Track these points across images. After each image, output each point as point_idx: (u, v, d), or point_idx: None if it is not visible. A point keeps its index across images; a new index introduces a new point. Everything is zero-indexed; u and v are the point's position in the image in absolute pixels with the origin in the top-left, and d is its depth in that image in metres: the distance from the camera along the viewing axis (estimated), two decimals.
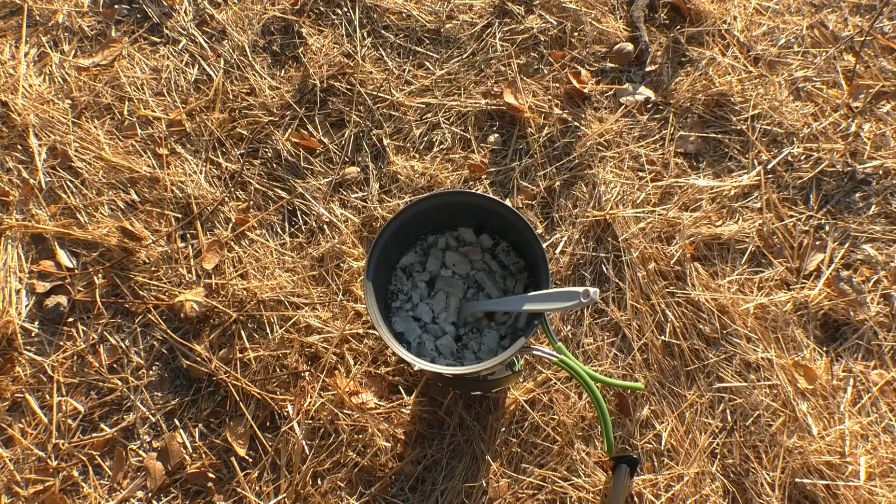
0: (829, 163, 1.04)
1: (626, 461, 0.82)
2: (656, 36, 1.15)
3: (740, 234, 0.98)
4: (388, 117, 1.09)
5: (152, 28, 1.20)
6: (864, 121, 1.07)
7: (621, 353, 0.92)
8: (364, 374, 0.92)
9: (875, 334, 0.93)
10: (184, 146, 1.09)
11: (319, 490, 0.86)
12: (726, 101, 1.09)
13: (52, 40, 1.19)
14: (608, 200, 1.01)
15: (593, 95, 1.09)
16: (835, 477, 0.83)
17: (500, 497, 0.85)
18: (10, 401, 0.92)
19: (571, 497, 0.85)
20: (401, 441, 0.88)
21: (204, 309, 0.95)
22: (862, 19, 1.16)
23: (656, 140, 1.06)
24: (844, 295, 0.94)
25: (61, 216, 1.04)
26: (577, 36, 1.14)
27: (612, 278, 0.96)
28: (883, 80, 1.10)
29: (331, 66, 1.12)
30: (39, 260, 1.01)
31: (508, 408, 0.89)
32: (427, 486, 0.86)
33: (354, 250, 0.99)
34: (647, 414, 0.88)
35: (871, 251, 0.98)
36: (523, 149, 1.06)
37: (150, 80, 1.14)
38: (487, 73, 1.12)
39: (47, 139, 1.09)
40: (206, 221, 1.03)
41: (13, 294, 0.98)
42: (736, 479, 0.85)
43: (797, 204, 1.02)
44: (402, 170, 1.04)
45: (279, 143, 1.08)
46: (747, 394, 0.89)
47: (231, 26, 1.18)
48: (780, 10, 1.18)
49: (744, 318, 0.93)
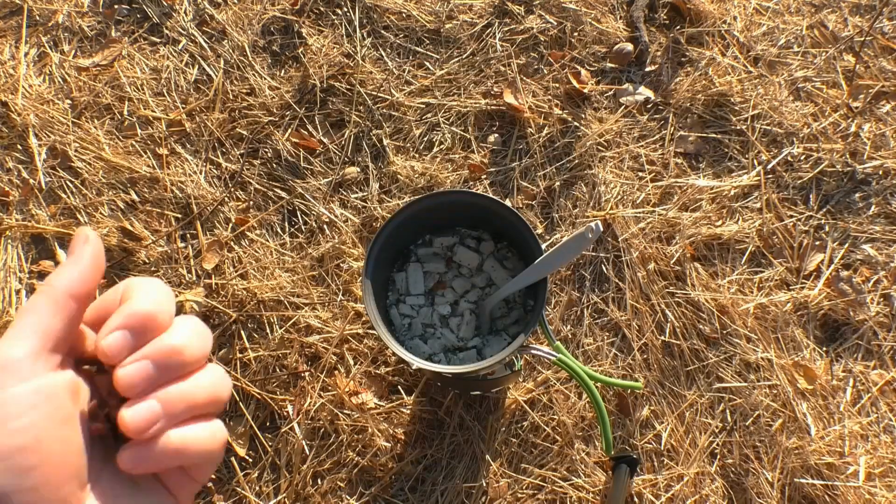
0: (829, 163, 1.04)
1: (626, 461, 0.82)
2: (656, 36, 1.15)
3: (740, 234, 0.98)
4: (388, 117, 1.09)
5: (152, 28, 1.20)
6: (863, 121, 1.07)
7: (621, 353, 0.92)
8: (364, 374, 0.92)
9: (875, 334, 0.93)
10: (184, 146, 1.09)
11: (319, 490, 0.86)
12: (726, 101, 1.09)
13: (52, 40, 1.19)
14: (608, 200, 1.01)
15: (593, 95, 1.10)
16: (834, 477, 0.83)
17: (500, 497, 0.85)
18: None
19: (571, 497, 0.85)
20: (401, 441, 0.88)
21: (204, 309, 0.95)
22: (862, 19, 1.16)
23: (656, 140, 1.06)
24: (844, 295, 0.94)
25: (61, 216, 1.04)
26: (577, 36, 1.14)
27: (612, 278, 0.96)
28: (883, 80, 1.10)
29: (331, 66, 1.12)
30: (39, 260, 1.01)
31: (508, 408, 0.89)
32: (427, 486, 0.86)
33: (354, 250, 0.99)
34: (646, 414, 0.89)
35: (871, 251, 0.98)
36: (523, 149, 1.06)
37: (150, 80, 1.14)
38: (487, 73, 1.12)
39: (47, 139, 1.09)
40: (206, 221, 1.03)
41: (13, 294, 0.98)
42: (735, 479, 0.85)
43: (797, 204, 1.02)
44: (402, 170, 1.04)
45: (279, 143, 1.08)
46: (747, 394, 0.89)
47: (231, 26, 1.18)
48: (780, 10, 1.18)
49: (744, 318, 0.93)
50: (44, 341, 0.28)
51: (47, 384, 0.28)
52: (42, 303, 0.29)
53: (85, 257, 0.30)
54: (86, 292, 0.30)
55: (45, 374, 0.28)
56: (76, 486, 0.29)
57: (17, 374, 0.27)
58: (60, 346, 0.29)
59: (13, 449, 0.26)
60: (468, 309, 0.79)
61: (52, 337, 0.28)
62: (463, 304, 0.79)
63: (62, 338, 0.29)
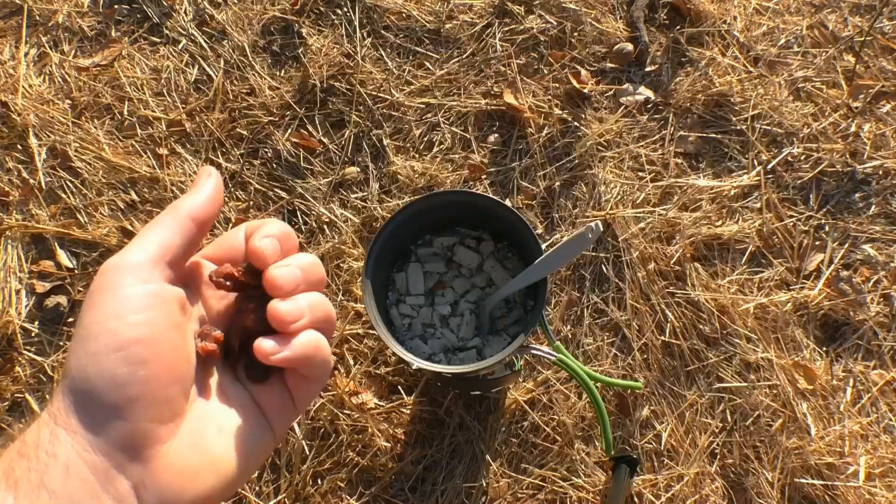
0: (829, 163, 1.04)
1: (626, 461, 0.82)
2: (656, 36, 1.15)
3: (740, 234, 0.98)
4: (388, 117, 1.09)
5: (152, 28, 1.20)
6: (863, 121, 1.07)
7: (621, 354, 0.92)
8: (364, 374, 0.92)
9: (875, 334, 0.93)
10: (184, 146, 1.09)
11: (319, 490, 0.86)
12: (726, 102, 1.09)
13: (52, 40, 1.19)
14: (608, 200, 1.01)
15: (593, 95, 1.10)
16: (834, 477, 0.83)
17: (500, 497, 0.85)
18: (10, 401, 0.92)
19: (571, 497, 0.85)
20: (401, 441, 0.88)
21: None
22: (862, 19, 1.16)
23: (656, 140, 1.06)
24: (844, 295, 0.94)
25: (61, 216, 1.04)
26: (577, 36, 1.15)
27: (612, 278, 0.96)
28: (883, 80, 1.10)
29: (331, 67, 1.12)
30: (39, 260, 1.01)
31: (508, 408, 0.89)
32: (427, 486, 0.86)
33: (354, 250, 0.99)
34: (647, 414, 0.89)
35: (871, 251, 0.98)
36: (523, 149, 1.06)
37: (150, 80, 1.14)
38: (487, 73, 1.12)
39: (47, 139, 1.09)
40: None
41: (13, 294, 0.98)
42: (735, 479, 0.85)
43: (797, 204, 1.02)
44: (402, 170, 1.04)
45: (279, 143, 1.08)
46: (747, 394, 0.89)
47: (231, 26, 1.18)
48: (780, 10, 1.18)
49: (744, 318, 0.93)
50: (163, 252, 0.31)
51: (162, 290, 0.31)
52: (167, 220, 0.32)
53: (207, 188, 0.34)
54: (205, 217, 0.33)
55: (159, 282, 0.31)
56: (180, 391, 0.31)
57: (138, 276, 0.30)
58: (178, 262, 0.32)
59: (131, 340, 0.29)
60: (468, 309, 0.79)
61: (172, 251, 0.32)
62: (463, 304, 0.79)
63: (179, 254, 0.32)
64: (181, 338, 0.31)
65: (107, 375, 0.28)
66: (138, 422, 0.29)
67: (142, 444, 0.29)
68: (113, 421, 0.28)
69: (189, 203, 0.33)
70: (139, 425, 0.29)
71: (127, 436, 0.28)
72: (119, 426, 0.28)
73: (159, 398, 0.29)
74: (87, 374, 0.28)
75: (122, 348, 0.28)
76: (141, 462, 0.29)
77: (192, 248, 0.33)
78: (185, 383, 0.31)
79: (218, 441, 0.32)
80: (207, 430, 0.32)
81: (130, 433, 0.28)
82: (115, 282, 0.30)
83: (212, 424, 0.32)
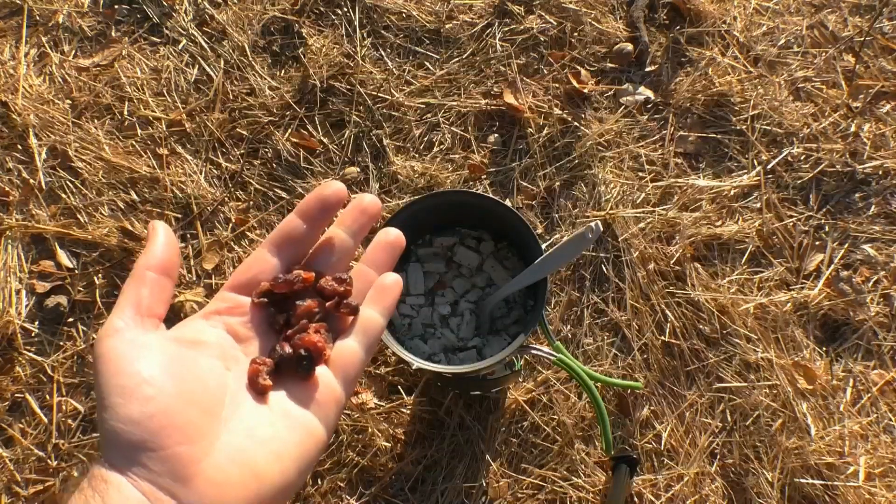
0: (829, 163, 1.04)
1: (626, 461, 0.82)
2: (656, 36, 1.15)
3: (740, 234, 0.98)
4: (388, 117, 1.09)
5: (152, 28, 1.20)
6: (863, 121, 1.07)
7: (621, 354, 0.92)
8: (364, 374, 0.92)
9: (875, 334, 0.93)
10: (184, 146, 1.09)
11: (319, 490, 0.86)
12: (726, 102, 1.09)
13: (52, 40, 1.19)
14: (608, 200, 1.01)
15: (593, 95, 1.10)
16: (834, 477, 0.83)
17: (500, 497, 0.85)
18: (10, 401, 0.92)
19: (571, 497, 0.85)
20: (401, 441, 0.88)
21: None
22: (862, 19, 1.16)
23: (656, 140, 1.06)
24: (844, 295, 0.94)
25: (61, 216, 1.04)
26: (577, 36, 1.15)
27: (612, 278, 0.96)
28: (883, 80, 1.10)
29: (331, 67, 1.12)
30: (39, 260, 1.01)
31: (508, 408, 0.89)
32: (427, 486, 0.86)
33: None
34: (647, 414, 0.89)
35: (871, 251, 0.98)
36: (523, 149, 1.06)
37: (150, 80, 1.14)
38: (487, 73, 1.12)
39: (47, 139, 1.09)
40: (206, 222, 1.03)
41: (13, 294, 0.98)
42: (735, 479, 0.85)
43: (797, 204, 1.02)
44: (402, 170, 1.04)
45: (279, 143, 1.08)
46: (747, 394, 0.89)
47: (231, 26, 1.18)
48: (780, 10, 1.18)
49: (744, 318, 0.93)
50: (136, 308, 0.35)
51: (146, 337, 0.34)
52: (129, 282, 0.36)
53: (157, 241, 0.37)
54: (161, 263, 0.36)
55: (148, 330, 0.34)
56: (199, 412, 0.33)
57: (125, 336, 0.33)
58: (155, 308, 0.35)
59: (137, 384, 0.32)
60: (468, 309, 0.79)
61: (142, 301, 0.35)
62: (463, 304, 0.79)
63: (153, 302, 0.35)
64: (184, 367, 0.33)
65: (124, 420, 0.30)
66: (166, 448, 0.30)
67: (177, 468, 0.30)
68: (139, 454, 0.30)
69: (143, 260, 0.36)
70: (168, 452, 0.30)
71: (166, 462, 0.30)
72: (147, 456, 0.30)
73: (177, 423, 0.31)
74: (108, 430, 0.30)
75: (129, 394, 0.31)
76: (181, 482, 0.30)
77: (163, 292, 0.36)
78: (202, 404, 0.33)
79: (258, 449, 0.33)
80: (246, 439, 0.33)
81: (162, 459, 0.30)
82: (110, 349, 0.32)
83: (251, 432, 0.33)
